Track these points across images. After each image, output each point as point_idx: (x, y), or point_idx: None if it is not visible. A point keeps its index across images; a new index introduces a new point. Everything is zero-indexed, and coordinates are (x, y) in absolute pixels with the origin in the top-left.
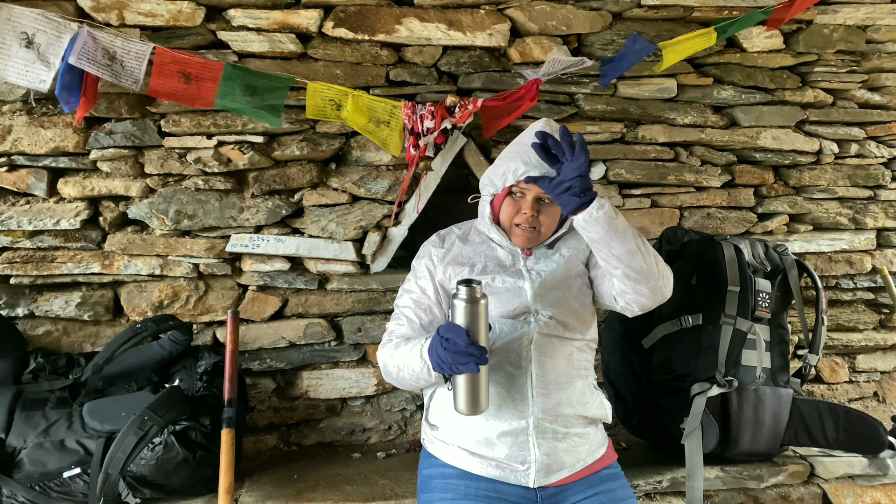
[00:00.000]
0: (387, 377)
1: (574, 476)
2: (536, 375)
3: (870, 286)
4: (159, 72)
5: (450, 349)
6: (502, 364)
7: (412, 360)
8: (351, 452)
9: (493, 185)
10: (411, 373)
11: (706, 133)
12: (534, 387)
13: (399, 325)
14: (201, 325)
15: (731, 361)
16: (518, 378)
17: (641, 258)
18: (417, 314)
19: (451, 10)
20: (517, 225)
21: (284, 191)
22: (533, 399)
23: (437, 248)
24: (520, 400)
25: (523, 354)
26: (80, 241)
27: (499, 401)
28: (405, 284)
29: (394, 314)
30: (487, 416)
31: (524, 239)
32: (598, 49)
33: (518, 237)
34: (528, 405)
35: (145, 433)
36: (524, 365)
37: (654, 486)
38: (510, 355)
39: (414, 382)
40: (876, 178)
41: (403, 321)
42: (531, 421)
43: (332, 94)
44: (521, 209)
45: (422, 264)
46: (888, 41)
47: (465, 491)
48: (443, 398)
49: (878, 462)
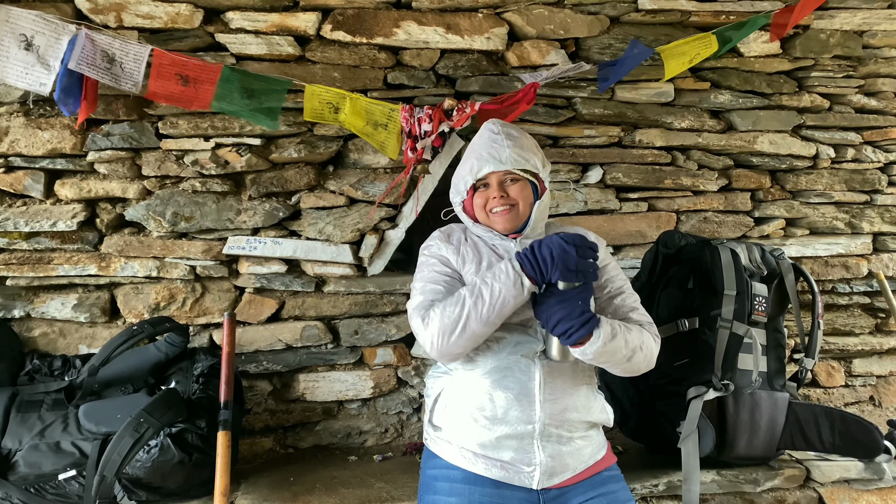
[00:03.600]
0: (441, 336)
1: (576, 477)
2: (545, 381)
3: (866, 290)
4: (157, 74)
5: (580, 254)
6: (512, 369)
7: (496, 285)
8: (347, 455)
9: (458, 193)
10: (493, 298)
11: (703, 137)
12: (542, 392)
13: (436, 294)
14: (198, 328)
15: (727, 365)
16: (527, 384)
17: (630, 364)
18: (451, 285)
19: (450, 13)
20: (492, 211)
21: (282, 193)
22: (541, 404)
23: (445, 243)
24: (527, 405)
25: (532, 361)
26: (77, 243)
27: (506, 405)
28: (421, 271)
29: (419, 290)
30: (494, 420)
31: (504, 219)
32: (595, 53)
33: (498, 222)
34: (535, 410)
35: (141, 435)
36: (533, 370)
37: (650, 489)
38: (520, 361)
39: (488, 311)
40: (872, 182)
41: (440, 289)
42: (537, 426)
43: (329, 97)
44: (489, 196)
45: (436, 254)
46: (885, 46)
47: (469, 497)
48: (448, 400)
49: (874, 466)
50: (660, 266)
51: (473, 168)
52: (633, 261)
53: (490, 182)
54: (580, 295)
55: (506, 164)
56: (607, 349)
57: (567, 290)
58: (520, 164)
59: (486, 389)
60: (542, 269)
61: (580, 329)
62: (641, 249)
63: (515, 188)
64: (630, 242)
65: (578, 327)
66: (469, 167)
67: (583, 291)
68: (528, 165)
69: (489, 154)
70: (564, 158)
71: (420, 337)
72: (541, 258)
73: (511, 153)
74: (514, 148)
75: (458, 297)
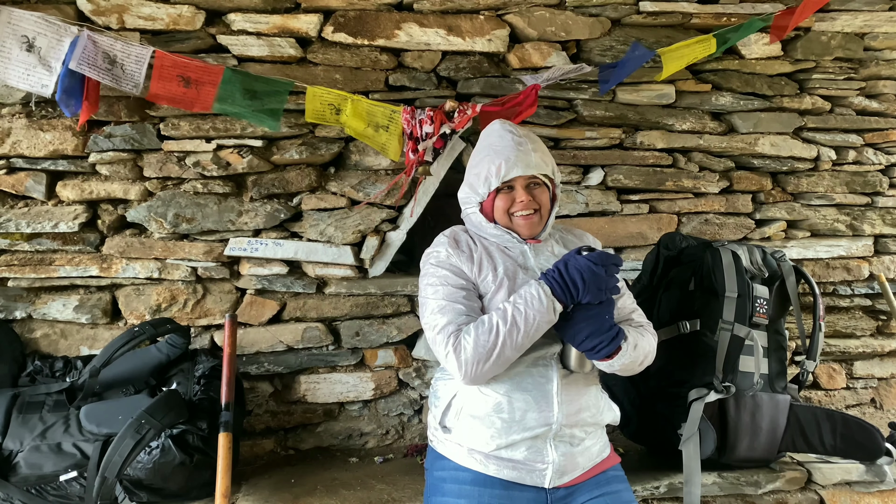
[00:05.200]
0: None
1: (584, 476)
2: (562, 383)
3: (867, 293)
4: (159, 75)
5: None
6: (531, 372)
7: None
8: (348, 457)
9: (476, 193)
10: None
11: (704, 139)
12: (559, 394)
13: (458, 315)
14: (199, 329)
15: (728, 367)
16: (545, 386)
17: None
18: (472, 301)
19: (451, 15)
20: (516, 214)
21: (283, 195)
22: (559, 406)
23: (455, 249)
24: (546, 407)
25: (549, 363)
26: (79, 244)
27: (525, 407)
28: (433, 283)
29: (437, 308)
30: (512, 422)
31: (529, 224)
32: (596, 55)
33: (522, 226)
34: (553, 412)
35: (142, 437)
36: (550, 373)
37: (651, 491)
38: (538, 362)
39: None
40: (873, 184)
41: (462, 309)
42: (554, 427)
43: (331, 99)
44: (515, 199)
45: (447, 262)
46: (886, 49)
47: (479, 499)
48: (464, 402)
49: (876, 469)
50: (661, 268)
51: (501, 170)
52: (634, 263)
53: (516, 185)
54: (605, 310)
55: (533, 169)
56: (631, 360)
57: (592, 305)
58: (543, 169)
59: (504, 392)
60: (572, 293)
61: (610, 344)
62: (642, 251)
63: (538, 193)
64: (631, 244)
65: (608, 342)
66: (495, 169)
67: (608, 306)
68: (548, 171)
69: (517, 158)
70: (566, 160)
71: (447, 363)
72: (570, 281)
73: (537, 158)
74: (538, 153)
75: (491, 326)
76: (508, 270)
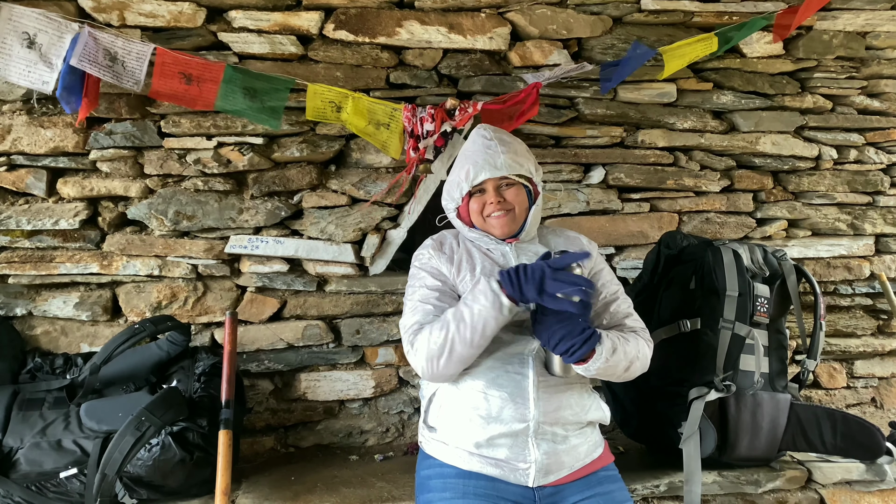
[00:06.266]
0: (429, 362)
1: (572, 475)
2: (539, 380)
3: (868, 292)
4: (161, 73)
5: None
6: (506, 367)
7: (476, 307)
8: (348, 455)
9: (452, 199)
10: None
11: (706, 138)
12: (536, 390)
13: (426, 315)
14: (199, 327)
15: (729, 366)
16: (521, 382)
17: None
18: (443, 302)
19: (452, 13)
20: (489, 215)
21: (284, 192)
22: (535, 402)
23: (437, 252)
24: (521, 403)
25: (525, 359)
26: (79, 242)
27: (501, 403)
28: (413, 285)
29: (410, 309)
30: (489, 418)
31: (501, 223)
32: (598, 53)
33: (495, 226)
34: (529, 409)
35: (142, 434)
36: (526, 370)
37: (651, 490)
38: (513, 359)
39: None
40: (875, 184)
41: (430, 309)
42: (532, 424)
43: (332, 97)
44: (486, 201)
45: (427, 265)
46: (887, 47)
47: (463, 490)
48: (443, 400)
49: (876, 468)
50: (662, 267)
51: (469, 174)
52: (635, 261)
53: (486, 188)
54: (581, 313)
55: (501, 170)
56: (609, 364)
57: (567, 308)
58: (514, 169)
59: (480, 388)
60: (521, 287)
61: (582, 347)
62: (643, 250)
63: (511, 193)
64: (632, 243)
65: (581, 345)
66: (465, 173)
67: (583, 309)
68: (523, 171)
69: (484, 160)
70: (567, 159)
71: (410, 361)
72: (523, 276)
73: (506, 159)
74: (508, 154)
75: (443, 322)
76: (486, 270)
